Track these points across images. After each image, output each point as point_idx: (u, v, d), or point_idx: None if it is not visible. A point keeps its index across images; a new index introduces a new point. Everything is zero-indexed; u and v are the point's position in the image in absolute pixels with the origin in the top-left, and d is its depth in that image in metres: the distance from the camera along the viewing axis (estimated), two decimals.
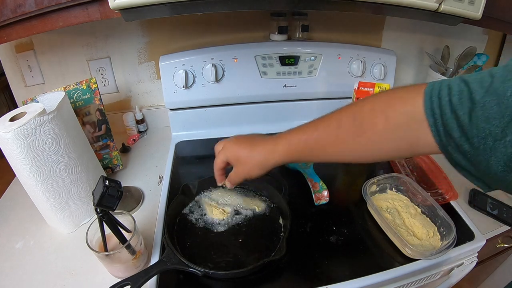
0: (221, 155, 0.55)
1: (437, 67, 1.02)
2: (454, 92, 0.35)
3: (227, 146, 0.54)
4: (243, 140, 0.54)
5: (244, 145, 0.53)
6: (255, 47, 0.90)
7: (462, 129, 0.34)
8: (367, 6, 0.61)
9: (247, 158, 0.52)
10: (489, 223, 0.71)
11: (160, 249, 0.61)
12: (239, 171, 0.54)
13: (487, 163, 0.33)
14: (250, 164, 0.52)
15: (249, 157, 0.52)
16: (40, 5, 0.56)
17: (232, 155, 0.53)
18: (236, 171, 0.54)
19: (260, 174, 0.53)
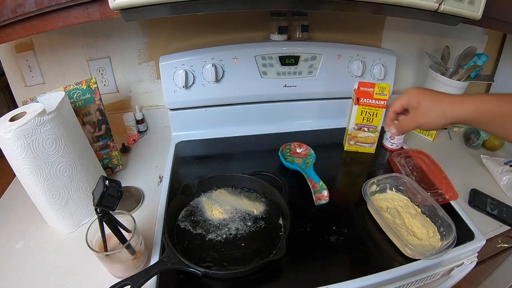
0: (403, 97, 0.53)
1: (437, 67, 1.02)
2: None
3: (410, 91, 0.53)
4: (429, 91, 0.52)
5: (430, 92, 0.51)
6: (255, 47, 0.90)
7: None
8: (367, 6, 0.61)
9: (430, 105, 0.50)
10: (489, 223, 0.71)
11: (160, 249, 0.61)
12: (416, 116, 0.52)
13: None
14: (431, 112, 0.50)
15: (433, 103, 0.50)
16: (40, 5, 0.56)
17: (415, 98, 0.51)
18: (413, 116, 0.52)
19: (437, 125, 0.50)
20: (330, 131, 1.01)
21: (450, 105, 0.48)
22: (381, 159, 0.90)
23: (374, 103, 0.82)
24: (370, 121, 0.85)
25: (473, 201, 0.74)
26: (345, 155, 0.91)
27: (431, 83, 1.03)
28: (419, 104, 0.51)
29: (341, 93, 0.99)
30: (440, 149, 0.96)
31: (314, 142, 0.90)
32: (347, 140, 0.90)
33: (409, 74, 1.16)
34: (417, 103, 0.51)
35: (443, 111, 0.49)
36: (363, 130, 0.87)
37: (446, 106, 0.49)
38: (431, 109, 0.50)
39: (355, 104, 0.83)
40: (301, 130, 1.00)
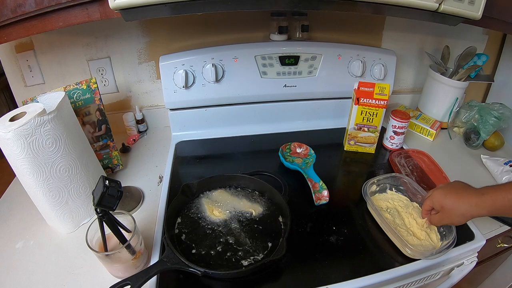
0: (428, 201, 0.62)
1: (437, 67, 1.02)
2: None
3: (434, 195, 0.61)
4: (449, 191, 0.59)
5: (450, 195, 0.58)
6: (255, 47, 0.90)
7: None
8: (367, 6, 0.61)
9: (451, 208, 0.57)
10: (489, 223, 0.71)
11: (160, 249, 0.61)
12: (442, 217, 0.60)
13: None
14: (454, 214, 0.57)
15: (454, 208, 0.57)
16: (40, 5, 0.56)
17: (438, 204, 0.60)
18: (440, 217, 0.60)
19: (461, 223, 0.58)
20: (330, 131, 1.01)
21: (467, 207, 0.55)
22: (381, 159, 0.90)
23: (374, 103, 0.82)
24: (370, 121, 0.85)
25: None
26: (345, 155, 0.91)
27: (431, 83, 1.03)
28: (442, 208, 0.59)
29: (341, 93, 0.99)
30: (440, 149, 0.96)
31: (314, 142, 0.90)
32: (347, 140, 0.90)
33: (409, 74, 1.16)
34: (441, 207, 0.59)
35: (462, 214, 0.56)
36: (363, 130, 0.87)
37: (464, 209, 0.56)
38: (453, 213, 0.57)
39: (355, 104, 0.83)
40: (301, 130, 1.00)
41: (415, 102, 1.15)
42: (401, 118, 0.87)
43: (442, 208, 0.59)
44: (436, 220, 0.62)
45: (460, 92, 0.99)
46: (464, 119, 0.99)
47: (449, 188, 0.60)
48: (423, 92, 1.09)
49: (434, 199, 0.61)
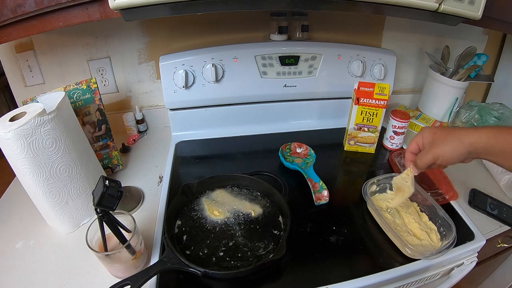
0: (417, 136, 0.55)
1: (437, 67, 1.02)
2: None
3: (424, 129, 0.55)
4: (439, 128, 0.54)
5: (444, 128, 0.53)
6: (255, 47, 0.90)
7: None
8: (367, 6, 0.61)
9: (445, 135, 0.51)
10: (489, 223, 0.71)
11: (160, 249, 0.61)
12: (431, 148, 0.52)
13: None
14: (447, 141, 0.50)
15: (448, 134, 0.50)
16: (40, 5, 0.56)
17: (430, 133, 0.53)
18: (427, 149, 0.53)
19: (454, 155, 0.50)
20: (330, 131, 1.01)
21: (465, 132, 0.49)
22: (381, 159, 0.90)
23: (374, 103, 0.82)
24: (370, 121, 0.85)
25: (473, 201, 0.74)
26: (345, 155, 0.91)
27: (431, 83, 1.03)
28: (433, 137, 0.52)
29: (341, 93, 0.99)
30: None
31: (314, 142, 0.90)
32: (347, 140, 0.90)
33: (409, 74, 1.16)
34: (431, 136, 0.52)
35: (459, 139, 0.49)
36: (363, 130, 0.87)
37: (461, 135, 0.49)
38: (447, 139, 0.50)
39: (355, 104, 0.83)
40: (301, 130, 1.00)
41: (415, 102, 1.15)
42: (401, 118, 0.87)
43: (433, 138, 0.52)
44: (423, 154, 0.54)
45: (460, 92, 0.99)
46: (464, 119, 0.99)
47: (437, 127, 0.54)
48: (423, 92, 1.09)
49: (425, 133, 0.54)
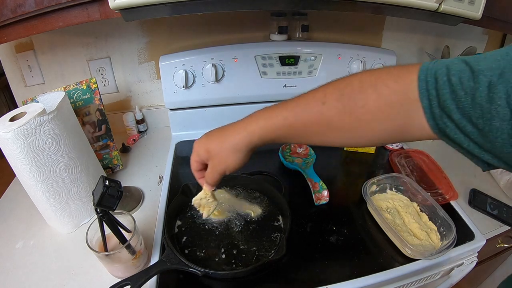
0: (193, 155, 0.50)
1: None
2: (454, 71, 0.33)
3: (196, 144, 0.49)
4: (212, 132, 0.48)
5: (214, 136, 0.47)
6: (255, 47, 0.90)
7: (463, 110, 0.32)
8: (367, 6, 0.61)
9: (218, 147, 0.46)
10: (489, 223, 0.71)
11: (160, 249, 0.61)
12: (214, 165, 0.48)
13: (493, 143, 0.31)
14: (223, 153, 0.46)
15: (221, 145, 0.46)
16: (40, 5, 0.56)
17: (203, 150, 0.47)
18: (211, 166, 0.48)
19: (238, 162, 0.46)
20: None
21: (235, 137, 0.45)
22: (381, 159, 0.90)
23: None
24: None
25: (473, 201, 0.74)
26: (345, 155, 0.91)
27: None
28: (209, 153, 0.47)
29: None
30: (440, 149, 0.96)
31: None
32: None
33: None
34: (207, 153, 0.48)
35: (233, 147, 0.45)
36: None
37: (232, 140, 0.45)
38: (222, 152, 0.46)
39: None
40: None
41: None
42: None
43: (209, 154, 0.47)
44: (209, 173, 0.49)
45: None
46: None
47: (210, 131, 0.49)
48: None
49: (197, 147, 0.48)
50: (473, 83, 0.31)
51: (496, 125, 0.30)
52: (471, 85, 0.31)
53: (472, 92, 0.31)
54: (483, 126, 0.31)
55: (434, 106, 0.35)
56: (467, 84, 0.31)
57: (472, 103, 0.31)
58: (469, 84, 0.31)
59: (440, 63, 0.35)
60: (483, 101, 0.30)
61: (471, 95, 0.31)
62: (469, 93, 0.31)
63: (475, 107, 0.31)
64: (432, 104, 0.35)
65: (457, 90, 0.32)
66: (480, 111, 0.31)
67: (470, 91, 0.31)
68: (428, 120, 0.36)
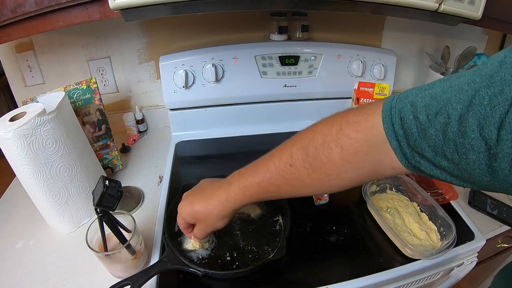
0: (180, 219, 0.53)
1: (437, 67, 1.02)
2: (420, 108, 0.31)
3: (180, 209, 0.52)
4: (194, 196, 0.51)
5: (197, 202, 0.50)
6: (255, 47, 0.90)
7: (436, 148, 0.31)
8: (367, 6, 0.61)
9: (205, 216, 0.49)
10: (489, 223, 0.71)
11: (160, 249, 0.61)
12: (202, 228, 0.51)
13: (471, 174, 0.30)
14: (210, 219, 0.49)
15: (207, 214, 0.49)
16: (40, 5, 0.56)
17: (190, 216, 0.51)
18: (200, 228, 0.52)
19: (225, 223, 0.50)
20: None
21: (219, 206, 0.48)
22: None
23: None
24: None
25: (473, 201, 0.74)
26: None
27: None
28: (196, 218, 0.50)
29: (341, 93, 0.99)
30: None
31: None
32: None
33: (409, 74, 1.16)
34: (194, 218, 0.51)
35: (218, 214, 0.48)
36: None
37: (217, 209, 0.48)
38: (208, 217, 0.49)
39: (355, 104, 0.83)
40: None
41: None
42: None
43: (197, 220, 0.51)
44: (199, 232, 0.52)
45: None
46: None
47: (194, 194, 0.52)
48: None
49: (182, 213, 0.51)
50: (442, 118, 0.30)
51: (473, 158, 0.29)
52: (440, 121, 0.30)
53: (442, 128, 0.30)
54: (459, 161, 0.30)
55: (404, 146, 0.34)
56: (436, 121, 0.30)
57: (444, 140, 0.30)
58: (438, 120, 0.30)
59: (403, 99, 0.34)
60: (455, 136, 0.29)
61: (442, 132, 0.30)
62: (440, 130, 0.30)
63: (448, 143, 0.30)
64: (401, 145, 0.34)
65: (427, 129, 0.31)
66: (454, 146, 0.29)
67: (440, 127, 0.30)
68: (401, 160, 0.35)
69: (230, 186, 0.47)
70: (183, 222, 0.53)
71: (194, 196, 0.51)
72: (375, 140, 0.36)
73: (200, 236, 0.53)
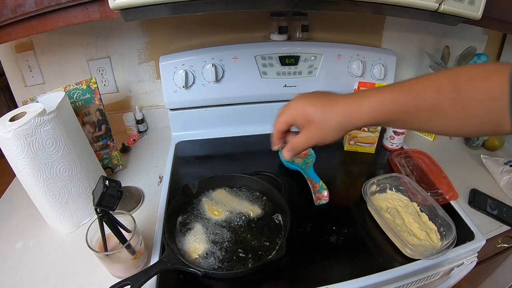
0: (286, 114, 0.45)
1: (437, 67, 1.02)
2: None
3: (294, 105, 0.45)
4: (315, 97, 0.44)
5: (318, 103, 0.43)
6: (255, 47, 0.90)
7: None
8: (367, 6, 0.61)
9: (322, 119, 0.42)
10: (489, 223, 0.71)
11: (160, 249, 0.61)
12: (310, 135, 0.44)
13: None
14: (326, 127, 0.43)
15: (325, 118, 0.42)
16: (40, 5, 0.56)
17: (302, 115, 0.43)
18: (306, 136, 0.44)
19: (336, 139, 0.44)
20: None
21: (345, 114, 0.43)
22: (381, 159, 0.90)
23: None
24: None
25: (473, 201, 0.74)
26: (345, 155, 0.91)
27: None
28: (308, 121, 0.43)
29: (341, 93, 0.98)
30: (440, 149, 0.96)
31: None
32: (347, 140, 0.90)
33: (409, 74, 1.16)
34: (305, 120, 0.44)
35: (339, 124, 0.43)
36: (363, 130, 0.87)
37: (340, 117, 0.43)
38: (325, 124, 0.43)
39: None
40: None
41: None
42: None
43: (308, 123, 0.43)
44: (301, 140, 0.45)
45: None
46: None
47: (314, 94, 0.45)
48: None
49: (295, 110, 0.44)
50: None
51: None
52: None
53: None
54: None
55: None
56: None
57: None
58: None
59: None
60: None
61: None
62: None
63: None
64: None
65: None
66: None
67: None
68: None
69: (365, 97, 0.42)
70: (284, 123, 0.45)
71: (315, 96, 0.44)
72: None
73: (298, 146, 0.46)
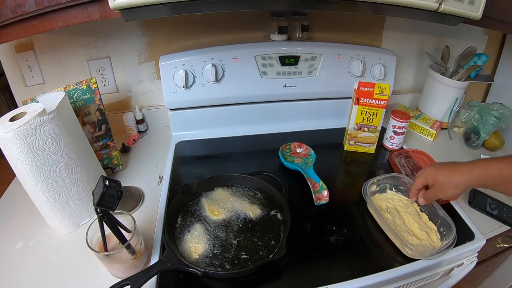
0: (421, 178, 0.63)
1: (437, 67, 1.02)
2: None
3: (427, 171, 0.63)
4: (441, 166, 0.63)
5: (443, 171, 0.61)
6: (255, 47, 0.90)
7: None
8: (367, 6, 0.61)
9: (445, 181, 0.60)
10: (489, 223, 0.71)
11: (160, 249, 0.61)
12: (436, 191, 0.62)
13: None
14: (447, 186, 0.59)
15: (447, 180, 0.59)
16: (40, 5, 0.56)
17: (432, 178, 0.62)
18: (434, 191, 0.62)
19: (455, 194, 0.59)
20: (330, 131, 1.01)
21: (460, 177, 0.58)
22: (381, 159, 0.90)
23: (374, 103, 0.82)
24: (370, 121, 0.85)
25: (473, 201, 0.74)
26: (345, 155, 0.91)
27: (431, 83, 1.03)
28: (435, 182, 0.61)
29: (341, 93, 0.99)
30: (440, 149, 0.96)
31: (314, 142, 0.90)
32: (347, 140, 0.90)
33: (409, 74, 1.16)
34: (434, 181, 0.62)
35: (455, 184, 0.59)
36: (363, 130, 0.87)
37: (457, 179, 0.58)
38: (446, 185, 0.60)
39: (355, 104, 0.83)
40: (301, 130, 1.00)
41: (415, 102, 1.15)
42: (401, 118, 0.87)
43: (435, 182, 0.61)
44: (430, 194, 0.63)
45: (460, 92, 0.99)
46: (464, 119, 0.99)
47: (439, 164, 0.64)
48: (423, 92, 1.09)
49: (427, 175, 0.63)
50: None
51: None
52: None
53: None
54: None
55: None
56: None
57: None
58: None
59: None
60: None
61: None
62: None
63: None
64: None
65: None
66: None
67: None
68: None
69: (475, 164, 0.58)
70: (422, 183, 0.64)
71: (440, 166, 0.63)
72: None
73: (429, 197, 0.64)
